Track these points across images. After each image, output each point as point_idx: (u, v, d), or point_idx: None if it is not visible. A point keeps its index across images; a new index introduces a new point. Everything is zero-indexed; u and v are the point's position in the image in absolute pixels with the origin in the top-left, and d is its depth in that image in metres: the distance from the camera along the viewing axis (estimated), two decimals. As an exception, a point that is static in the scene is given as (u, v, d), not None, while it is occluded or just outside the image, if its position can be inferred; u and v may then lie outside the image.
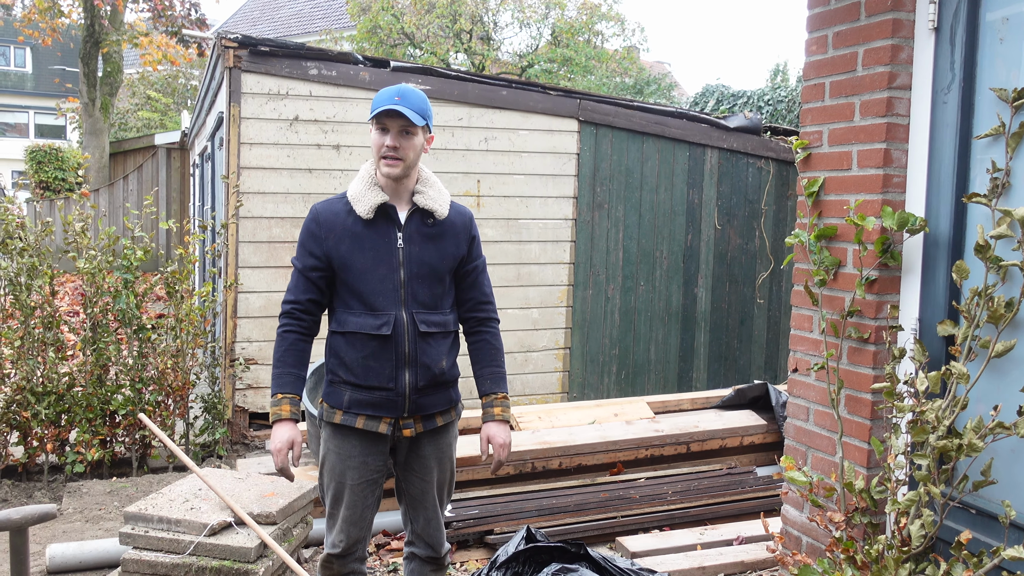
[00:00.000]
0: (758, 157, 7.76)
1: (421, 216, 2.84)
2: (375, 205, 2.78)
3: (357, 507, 2.87)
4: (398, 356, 2.78)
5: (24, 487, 5.25)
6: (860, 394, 3.02)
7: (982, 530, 2.65)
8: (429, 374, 2.82)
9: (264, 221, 6.33)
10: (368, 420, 2.81)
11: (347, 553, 2.91)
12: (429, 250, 2.83)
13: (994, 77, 2.69)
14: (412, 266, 2.80)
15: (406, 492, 2.98)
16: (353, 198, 2.82)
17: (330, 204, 2.86)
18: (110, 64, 18.39)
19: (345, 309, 2.82)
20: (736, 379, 7.74)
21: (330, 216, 2.82)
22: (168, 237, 14.75)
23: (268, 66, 6.25)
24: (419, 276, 2.81)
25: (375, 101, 2.76)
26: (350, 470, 2.84)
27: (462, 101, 6.77)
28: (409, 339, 2.78)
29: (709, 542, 4.35)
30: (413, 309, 2.79)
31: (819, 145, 3.23)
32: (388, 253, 2.79)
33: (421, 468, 2.93)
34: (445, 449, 2.96)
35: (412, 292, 2.79)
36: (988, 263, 2.56)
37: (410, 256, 2.80)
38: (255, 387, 6.34)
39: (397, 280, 2.78)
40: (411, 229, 2.82)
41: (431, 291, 2.83)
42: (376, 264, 2.77)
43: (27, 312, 5.32)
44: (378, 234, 2.79)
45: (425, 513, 2.98)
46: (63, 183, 18.21)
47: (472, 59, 18.82)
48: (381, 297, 2.77)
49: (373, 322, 2.76)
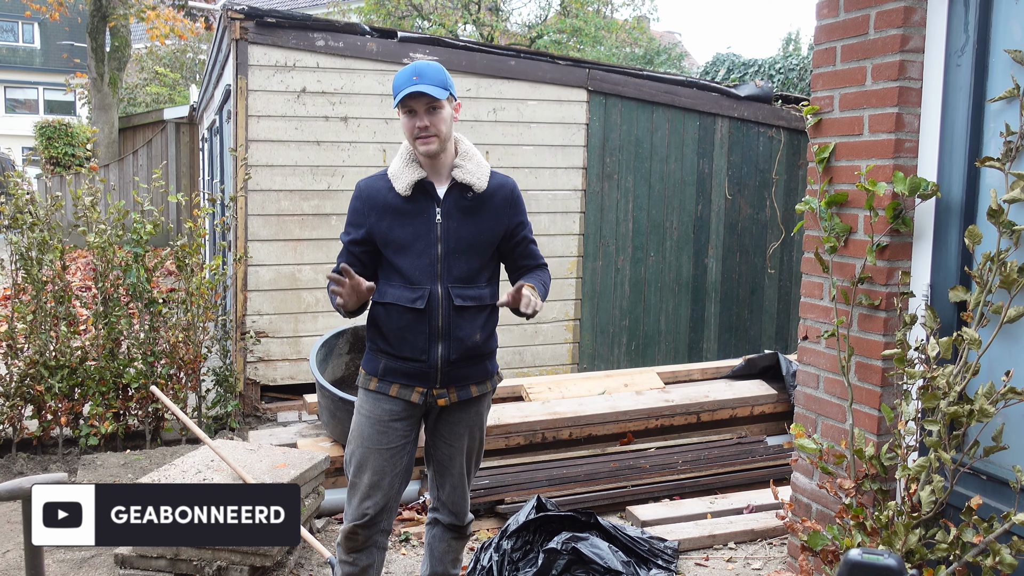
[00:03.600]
0: (769, 126, 7.69)
1: (460, 190, 2.84)
2: (413, 182, 2.80)
3: (385, 473, 2.87)
4: (431, 329, 2.80)
5: (39, 460, 5.30)
6: (871, 361, 3.01)
7: (992, 496, 2.65)
8: (462, 347, 2.84)
9: (273, 194, 6.32)
10: (402, 388, 2.85)
11: (373, 523, 2.89)
12: (468, 225, 2.84)
13: (1009, 38, 2.64)
14: (450, 241, 2.81)
15: (434, 458, 3.01)
16: (393, 175, 2.84)
17: (372, 181, 2.90)
18: (118, 39, 18.32)
19: (386, 281, 2.86)
20: (746, 349, 7.73)
21: (372, 193, 2.86)
22: (178, 211, 14.78)
23: (275, 38, 6.21)
24: (456, 251, 2.82)
25: (395, 87, 2.75)
26: (379, 435, 2.86)
27: (470, 72, 6.72)
28: (443, 313, 2.80)
29: (719, 511, 4.36)
30: (449, 283, 2.81)
31: (830, 110, 3.20)
32: (426, 229, 2.80)
33: (450, 434, 2.95)
34: (475, 418, 2.98)
35: (448, 267, 2.81)
36: (1001, 228, 2.54)
37: (447, 231, 2.81)
38: (266, 360, 6.37)
39: (434, 255, 2.80)
40: (449, 204, 2.83)
41: (468, 265, 2.84)
42: (414, 239, 2.80)
43: (39, 286, 5.34)
44: (417, 210, 2.82)
45: (451, 480, 3.00)
46: (73, 159, 18.24)
47: (481, 30, 18.67)
48: (418, 271, 2.80)
49: (409, 295, 2.79)
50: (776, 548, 4.07)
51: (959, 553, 2.49)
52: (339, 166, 6.47)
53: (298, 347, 6.45)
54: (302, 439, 4.77)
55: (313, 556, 3.94)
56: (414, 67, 2.74)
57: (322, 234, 6.46)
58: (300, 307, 6.45)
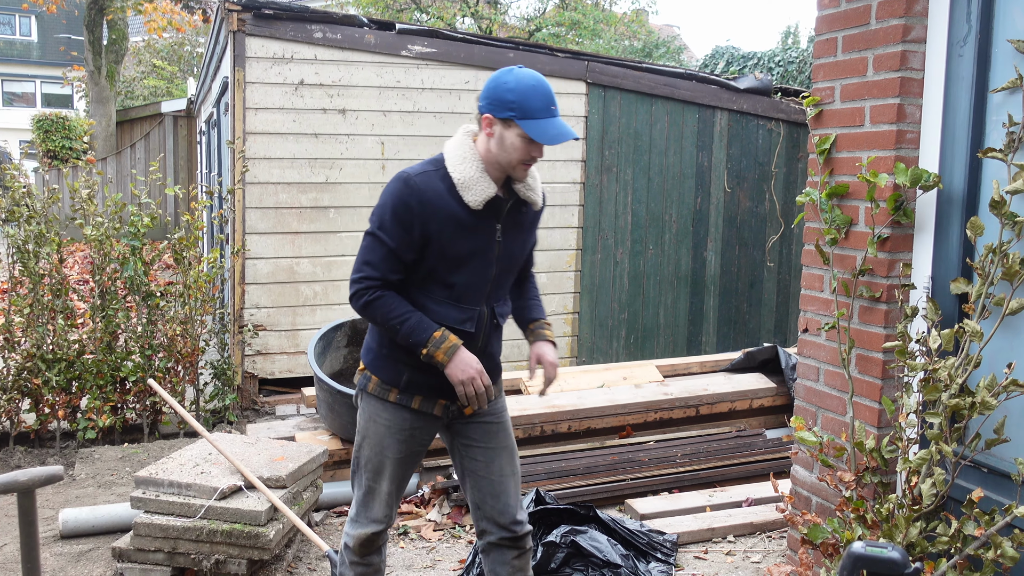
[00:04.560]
0: (768, 119, 7.67)
1: (517, 206, 2.64)
2: (488, 199, 2.52)
3: (403, 480, 2.77)
4: (472, 351, 2.62)
5: (37, 453, 5.29)
6: (871, 353, 3.00)
7: (994, 488, 2.63)
8: (493, 362, 2.73)
9: (271, 187, 6.30)
10: (424, 401, 2.67)
11: (389, 526, 2.81)
12: (517, 241, 2.67)
13: (1012, 28, 2.62)
14: (504, 260, 2.64)
15: (469, 470, 2.78)
16: (462, 183, 2.51)
17: (430, 180, 2.52)
18: (115, 31, 18.27)
19: (425, 294, 2.60)
20: (745, 342, 7.72)
21: (431, 197, 2.50)
22: (176, 204, 14.74)
23: (272, 29, 6.18)
24: (507, 270, 2.68)
25: (525, 105, 2.44)
26: (400, 443, 2.70)
27: (468, 64, 6.70)
28: (485, 332, 2.67)
29: (718, 504, 4.36)
30: (493, 302, 2.68)
31: (831, 101, 3.18)
32: (487, 246, 2.58)
33: (484, 435, 2.76)
34: (502, 413, 2.81)
35: (496, 285, 2.66)
36: (1003, 219, 2.52)
37: (503, 250, 2.62)
38: (264, 353, 6.36)
39: (489, 275, 2.62)
40: (509, 221, 2.62)
41: (509, 280, 2.73)
42: (471, 256, 2.56)
43: (36, 279, 5.32)
44: (482, 225, 2.56)
45: (492, 487, 2.74)
46: (70, 152, 18.19)
47: (479, 23, 18.63)
48: (471, 291, 2.60)
49: (456, 315, 2.59)
50: (775, 541, 4.07)
51: (960, 546, 2.48)
52: (337, 159, 6.44)
53: (296, 340, 6.44)
54: (300, 432, 4.75)
55: (311, 549, 3.93)
56: (547, 92, 2.48)
57: (320, 227, 6.43)
58: (298, 300, 6.43)
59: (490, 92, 2.50)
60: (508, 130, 2.46)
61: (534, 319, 2.88)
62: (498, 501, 2.74)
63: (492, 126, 2.50)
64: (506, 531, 2.75)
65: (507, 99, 2.44)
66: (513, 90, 2.45)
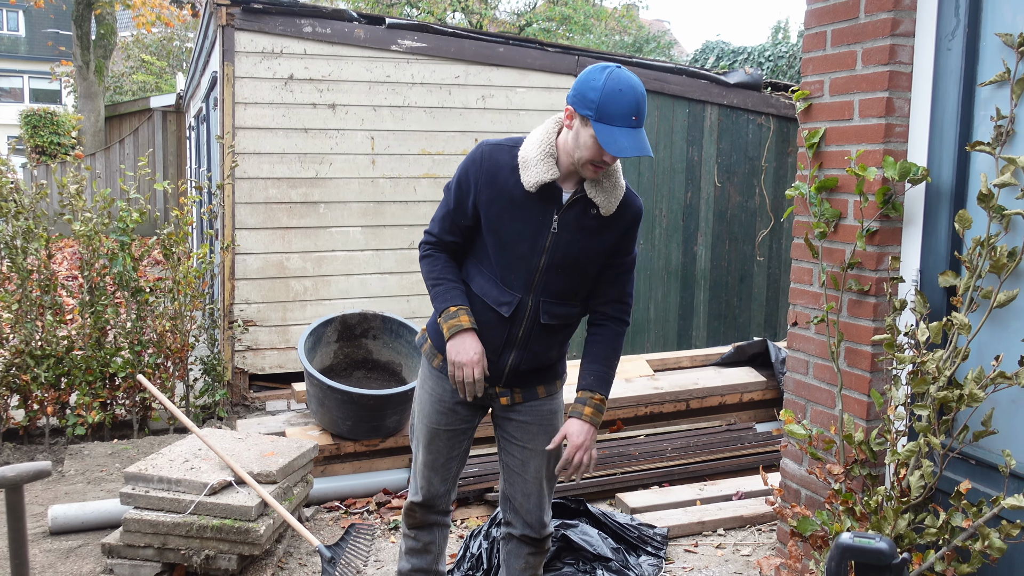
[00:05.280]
0: (758, 113, 7.68)
1: (584, 205, 2.54)
2: (542, 183, 2.49)
3: (440, 454, 2.77)
4: (509, 337, 2.60)
5: (26, 450, 5.27)
6: (860, 347, 3.01)
7: (981, 480, 2.65)
8: (535, 360, 2.65)
9: (260, 182, 6.28)
10: None
11: (427, 504, 2.82)
12: (580, 243, 2.55)
13: (1000, 22, 2.63)
14: (556, 255, 2.54)
15: (505, 463, 2.79)
16: (524, 161, 2.51)
17: (498, 153, 2.56)
18: (103, 26, 18.17)
19: (477, 264, 2.64)
20: (736, 337, 7.73)
21: (493, 167, 2.54)
22: (165, 200, 14.69)
23: (262, 24, 6.15)
24: (560, 267, 2.56)
25: (605, 108, 2.36)
26: (440, 415, 2.74)
27: (459, 58, 6.69)
28: (527, 325, 2.60)
29: (708, 497, 4.37)
30: (542, 297, 2.58)
31: (820, 95, 3.18)
32: (537, 234, 2.53)
33: (522, 435, 2.73)
34: (549, 417, 2.75)
35: (546, 280, 2.57)
36: (991, 212, 2.53)
37: (557, 245, 2.54)
38: (254, 349, 6.34)
39: (536, 264, 2.55)
40: (569, 216, 2.54)
41: (567, 283, 2.60)
42: (519, 240, 2.53)
43: (24, 275, 5.29)
44: (535, 210, 2.52)
45: (524, 486, 2.75)
46: (59, 147, 18.09)
47: (470, 18, 18.59)
48: (513, 275, 2.56)
49: (496, 295, 2.58)
50: (765, 534, 4.08)
51: (948, 537, 2.49)
52: (327, 154, 6.43)
53: (286, 336, 6.42)
54: (291, 428, 4.75)
55: (302, 545, 3.93)
56: (634, 101, 2.38)
57: (310, 222, 6.42)
58: (288, 295, 6.42)
59: (579, 85, 2.44)
60: (584, 128, 2.42)
61: (584, 388, 2.66)
62: (528, 501, 2.77)
63: (572, 119, 2.47)
64: (530, 529, 2.79)
65: (590, 97, 2.39)
66: (598, 89, 2.38)
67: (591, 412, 2.61)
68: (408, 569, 2.93)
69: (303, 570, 3.72)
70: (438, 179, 6.72)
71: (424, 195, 6.70)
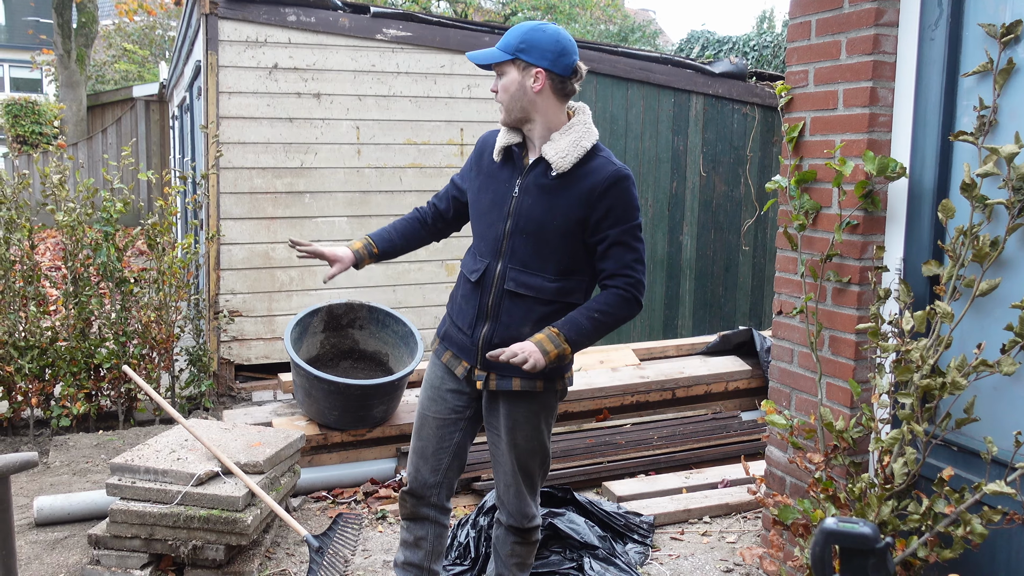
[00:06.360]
0: (743, 103, 7.70)
1: (544, 166, 2.60)
2: (503, 147, 2.67)
3: (429, 442, 2.78)
4: (480, 306, 2.66)
5: (10, 442, 5.24)
6: (844, 335, 3.03)
7: (964, 467, 2.68)
8: (506, 334, 2.63)
9: (245, 172, 6.25)
10: (452, 358, 2.76)
11: (416, 493, 2.82)
12: (540, 205, 2.58)
13: (983, 12, 2.65)
14: (519, 219, 2.60)
15: (492, 455, 2.83)
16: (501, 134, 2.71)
17: (493, 133, 2.77)
18: (84, 14, 17.98)
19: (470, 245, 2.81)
20: (721, 326, 7.77)
21: (483, 146, 2.77)
22: (149, 190, 14.59)
23: (245, 12, 6.11)
24: (523, 231, 2.59)
25: None
26: (431, 401, 2.80)
27: (444, 48, 6.66)
28: (495, 293, 2.63)
29: (694, 485, 4.40)
30: (509, 264, 2.62)
31: (804, 85, 3.20)
32: (502, 200, 2.64)
33: (497, 427, 2.76)
34: (525, 415, 2.70)
35: (512, 246, 2.61)
36: (974, 202, 2.56)
37: (520, 208, 2.60)
38: (240, 339, 6.32)
39: (502, 230, 2.63)
40: (529, 179, 2.61)
41: (534, 250, 2.59)
42: (490, 208, 2.67)
43: (7, 266, 5.25)
44: (502, 178, 2.67)
45: (504, 478, 2.79)
46: (40, 137, 17.91)
47: (454, 7, 18.51)
48: (484, 243, 2.68)
49: (471, 264, 2.71)
50: (750, 522, 4.11)
51: (931, 524, 2.52)
52: (312, 143, 6.40)
53: (272, 326, 6.41)
54: (277, 418, 4.74)
55: (289, 535, 3.93)
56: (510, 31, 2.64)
57: (296, 212, 6.40)
58: (274, 286, 6.40)
59: None
60: None
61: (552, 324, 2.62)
62: (508, 491, 2.80)
63: None
64: (512, 519, 2.83)
65: None
66: None
67: (542, 337, 2.54)
68: (401, 560, 2.93)
69: (291, 560, 3.72)
70: (424, 169, 6.71)
71: (410, 185, 6.69)
